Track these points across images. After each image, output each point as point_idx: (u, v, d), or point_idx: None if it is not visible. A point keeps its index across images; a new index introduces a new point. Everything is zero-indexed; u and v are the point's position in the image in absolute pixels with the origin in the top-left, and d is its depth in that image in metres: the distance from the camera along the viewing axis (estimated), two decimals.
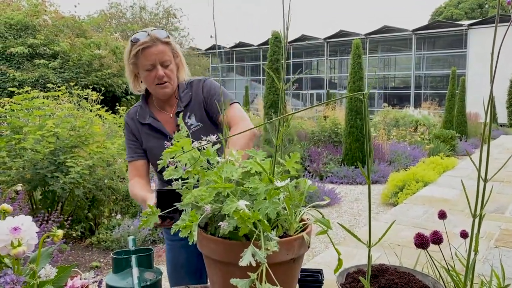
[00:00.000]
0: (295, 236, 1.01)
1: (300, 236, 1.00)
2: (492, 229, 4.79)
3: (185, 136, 1.10)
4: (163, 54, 1.73)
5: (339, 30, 30.19)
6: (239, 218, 0.86)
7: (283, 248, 0.99)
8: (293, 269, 1.05)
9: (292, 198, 1.02)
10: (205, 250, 1.05)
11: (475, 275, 1.99)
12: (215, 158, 1.10)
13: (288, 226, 1.04)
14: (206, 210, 0.91)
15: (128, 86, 8.22)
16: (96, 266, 4.18)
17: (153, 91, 1.82)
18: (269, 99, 7.62)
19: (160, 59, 1.73)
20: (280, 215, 1.03)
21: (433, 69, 29.10)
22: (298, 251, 1.01)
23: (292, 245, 1.00)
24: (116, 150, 5.17)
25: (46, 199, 4.71)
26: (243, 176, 1.03)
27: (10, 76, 9.19)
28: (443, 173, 8.57)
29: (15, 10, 10.69)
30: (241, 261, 0.84)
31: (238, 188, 0.99)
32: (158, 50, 1.72)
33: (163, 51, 1.74)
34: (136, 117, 1.89)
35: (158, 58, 1.73)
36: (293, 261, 1.02)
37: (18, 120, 4.78)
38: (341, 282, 1.28)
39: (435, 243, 1.13)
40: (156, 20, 22.55)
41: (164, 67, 1.75)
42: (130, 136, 1.90)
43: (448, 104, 14.85)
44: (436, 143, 11.83)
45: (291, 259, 1.01)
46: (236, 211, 0.87)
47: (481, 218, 0.82)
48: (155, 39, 1.72)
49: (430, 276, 1.28)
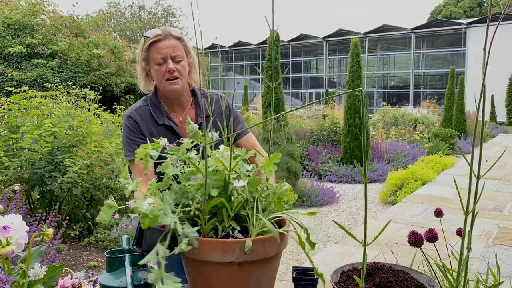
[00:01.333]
0: (233, 240, 0.98)
1: (241, 240, 0.96)
2: (490, 228, 4.79)
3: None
4: (174, 48, 1.71)
5: (338, 29, 30.16)
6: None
7: (218, 248, 0.98)
8: (242, 274, 1.01)
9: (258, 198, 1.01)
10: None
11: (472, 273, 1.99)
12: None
13: (251, 229, 1.01)
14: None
15: (126, 86, 8.27)
16: (94, 265, 4.17)
17: (163, 88, 1.76)
18: (267, 98, 7.60)
19: (172, 52, 1.70)
20: (241, 216, 1.03)
21: (432, 68, 29.10)
22: (241, 255, 0.97)
23: (231, 247, 0.97)
24: (114, 149, 5.17)
25: (44, 198, 4.71)
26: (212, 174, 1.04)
27: (8, 76, 9.18)
28: (442, 171, 8.57)
29: (13, 10, 10.67)
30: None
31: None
32: (170, 43, 1.70)
33: (175, 46, 1.71)
34: (149, 116, 1.80)
35: (170, 51, 1.70)
36: (239, 265, 0.99)
37: (16, 119, 4.77)
38: (335, 280, 1.27)
39: (430, 241, 1.13)
40: (155, 19, 22.55)
41: (175, 61, 1.72)
42: (135, 133, 1.79)
43: (447, 102, 14.85)
44: (435, 141, 11.83)
45: (232, 262, 0.97)
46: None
47: (473, 215, 0.82)
48: (168, 33, 1.71)
49: (424, 274, 1.28)
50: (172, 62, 1.70)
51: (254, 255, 0.98)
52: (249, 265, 1.00)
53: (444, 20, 31.54)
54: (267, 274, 1.06)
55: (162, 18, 22.81)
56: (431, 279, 1.23)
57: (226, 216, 1.02)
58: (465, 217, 0.81)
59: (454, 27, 26.87)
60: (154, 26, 21.94)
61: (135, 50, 8.12)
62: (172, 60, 1.70)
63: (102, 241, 4.61)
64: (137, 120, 1.78)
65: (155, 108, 1.81)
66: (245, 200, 1.04)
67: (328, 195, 6.97)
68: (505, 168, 8.80)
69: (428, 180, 7.49)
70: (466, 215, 0.81)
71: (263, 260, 1.01)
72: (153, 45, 1.70)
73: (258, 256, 0.99)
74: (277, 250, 1.03)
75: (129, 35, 20.37)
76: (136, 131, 1.77)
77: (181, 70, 1.73)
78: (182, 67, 1.73)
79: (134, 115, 1.80)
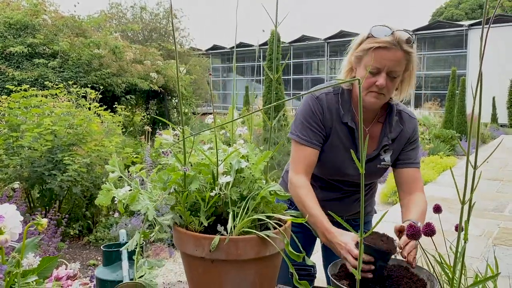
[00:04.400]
0: (203, 235, 0.97)
1: (211, 237, 0.95)
2: (491, 228, 4.78)
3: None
4: (396, 63, 1.45)
5: (339, 30, 30.17)
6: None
7: (190, 241, 0.97)
8: (216, 272, 0.99)
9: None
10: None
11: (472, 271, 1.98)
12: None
13: (230, 228, 1.00)
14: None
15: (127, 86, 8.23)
16: (93, 264, 4.17)
17: (363, 95, 1.50)
18: (268, 98, 7.60)
19: (391, 67, 1.45)
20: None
21: (433, 70, 29.07)
22: (208, 252, 0.95)
23: (200, 242, 0.96)
24: (115, 148, 5.16)
25: (43, 197, 4.70)
26: (196, 167, 1.03)
27: (10, 76, 9.18)
28: (443, 172, 8.55)
29: (15, 10, 10.67)
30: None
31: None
32: (395, 57, 1.44)
33: (399, 60, 1.45)
34: (335, 108, 1.60)
35: (389, 65, 1.44)
36: (211, 262, 0.97)
37: (16, 118, 4.77)
38: (333, 272, 1.27)
39: (428, 235, 1.12)
40: (156, 20, 22.54)
41: (390, 77, 1.47)
42: (316, 118, 1.59)
43: (448, 104, 14.83)
44: (436, 143, 11.81)
45: (203, 258, 0.96)
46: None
47: (470, 205, 0.81)
48: (398, 43, 1.43)
49: (424, 269, 1.27)
50: (386, 77, 1.46)
51: (224, 254, 0.95)
52: (221, 264, 0.97)
53: (445, 21, 31.55)
54: (247, 277, 1.01)
55: (163, 19, 22.81)
56: (430, 274, 1.23)
57: (203, 211, 1.01)
58: (462, 207, 0.80)
59: (456, 29, 26.86)
60: (156, 27, 21.88)
61: (137, 50, 8.14)
62: (387, 75, 1.46)
63: (102, 240, 4.60)
64: (323, 106, 1.60)
65: (344, 103, 1.61)
66: (227, 198, 1.02)
67: None
68: (506, 169, 8.78)
69: (429, 180, 7.47)
70: (462, 204, 0.80)
71: (239, 262, 0.98)
72: (374, 50, 1.44)
73: (230, 256, 0.96)
74: (257, 254, 0.99)
75: (131, 36, 20.39)
76: (317, 116, 1.59)
77: (390, 87, 1.49)
78: (393, 84, 1.50)
79: (323, 99, 1.61)
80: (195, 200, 1.03)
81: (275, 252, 1.03)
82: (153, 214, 0.94)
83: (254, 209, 1.04)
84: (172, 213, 1.03)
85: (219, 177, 0.99)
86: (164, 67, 12.23)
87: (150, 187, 1.08)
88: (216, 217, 1.05)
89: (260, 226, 1.07)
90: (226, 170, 1.03)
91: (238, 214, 1.01)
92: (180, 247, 1.04)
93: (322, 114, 1.59)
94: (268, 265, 1.07)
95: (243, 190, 1.02)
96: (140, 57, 12.02)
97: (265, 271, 1.06)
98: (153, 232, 0.97)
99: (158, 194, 1.04)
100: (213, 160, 1.01)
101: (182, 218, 1.04)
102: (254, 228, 1.03)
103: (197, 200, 1.02)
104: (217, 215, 1.06)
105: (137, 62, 11.51)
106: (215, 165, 1.01)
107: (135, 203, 0.96)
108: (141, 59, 11.92)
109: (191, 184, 0.99)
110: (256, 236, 0.98)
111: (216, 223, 1.02)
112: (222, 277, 1.00)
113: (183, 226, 1.04)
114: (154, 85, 11.42)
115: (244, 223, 1.00)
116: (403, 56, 1.45)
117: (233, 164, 1.04)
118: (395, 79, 1.49)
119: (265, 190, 1.03)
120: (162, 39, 20.88)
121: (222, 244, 0.95)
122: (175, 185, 1.01)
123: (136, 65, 11.22)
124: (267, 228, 1.05)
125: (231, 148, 1.11)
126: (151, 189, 1.07)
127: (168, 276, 4.05)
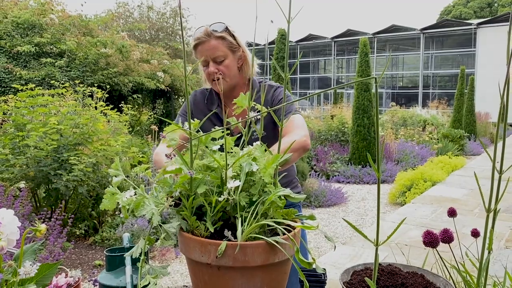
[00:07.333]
0: (209, 240, 0.93)
1: (218, 243, 0.91)
2: (502, 229, 4.69)
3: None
4: (214, 50, 1.68)
5: (346, 29, 30.03)
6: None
7: (196, 247, 0.94)
8: (223, 280, 0.95)
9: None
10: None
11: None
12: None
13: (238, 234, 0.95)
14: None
15: (134, 85, 8.23)
16: (99, 264, 4.14)
17: (212, 86, 1.79)
18: None
19: (212, 55, 1.68)
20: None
21: (441, 69, 28.84)
22: (215, 258, 0.91)
23: (206, 248, 0.92)
24: (121, 147, 5.13)
25: (49, 196, 4.68)
26: (203, 169, 0.98)
27: (17, 75, 9.20)
28: (452, 172, 8.45)
29: (22, 9, 10.71)
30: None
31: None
32: (210, 45, 1.68)
33: (215, 47, 1.68)
34: (205, 101, 1.87)
35: (210, 54, 1.68)
36: (218, 268, 0.93)
37: (22, 117, 4.76)
38: (345, 280, 1.21)
39: (445, 242, 1.06)
40: (163, 19, 22.56)
41: (217, 63, 1.70)
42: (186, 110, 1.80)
43: (456, 103, 14.68)
44: (444, 142, 11.69)
45: (209, 264, 0.92)
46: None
47: (495, 213, 0.75)
48: (208, 34, 1.67)
49: (441, 277, 1.21)
50: (214, 64, 1.69)
51: (231, 261, 0.91)
52: (228, 271, 0.93)
53: (453, 20, 31.28)
54: (255, 284, 0.97)
55: (170, 18, 22.81)
56: (447, 281, 1.17)
57: (209, 216, 0.97)
58: (487, 215, 0.74)
59: (464, 28, 26.61)
60: (162, 26, 21.92)
61: (143, 49, 8.15)
62: (214, 62, 1.69)
63: (108, 240, 4.58)
64: (193, 100, 1.90)
65: (210, 94, 1.88)
66: (235, 203, 0.97)
67: (336, 195, 6.90)
68: None
69: (438, 181, 7.38)
70: (488, 212, 0.74)
71: (246, 269, 0.94)
72: (196, 48, 1.70)
73: (237, 263, 0.92)
74: (265, 261, 0.94)
75: (138, 35, 20.41)
76: (191, 109, 1.84)
77: (223, 70, 1.71)
78: (225, 66, 1.71)
79: (193, 94, 1.93)
80: (201, 204, 0.99)
81: (284, 258, 0.98)
82: (158, 220, 0.90)
83: (263, 214, 1.00)
84: (178, 219, 0.98)
85: (228, 181, 0.94)
86: (170, 66, 12.21)
87: (155, 187, 1.04)
88: (223, 222, 1.01)
89: (269, 232, 1.03)
90: (234, 174, 0.98)
91: (246, 219, 0.96)
92: (186, 252, 1.00)
93: (192, 104, 1.89)
94: (277, 272, 1.03)
95: (252, 196, 0.98)
96: (147, 56, 12.01)
97: (273, 279, 1.02)
98: (159, 239, 0.92)
99: (164, 197, 0.99)
100: (222, 163, 0.97)
101: (188, 222, 0.99)
102: (263, 233, 0.99)
103: (203, 205, 0.98)
104: (224, 220, 1.02)
105: (144, 62, 11.50)
106: (223, 168, 0.96)
107: (140, 209, 0.91)
108: (148, 59, 11.91)
109: (197, 187, 0.95)
110: (265, 242, 0.94)
111: (223, 228, 0.98)
112: (229, 284, 0.96)
113: (188, 231, 1.00)
114: (161, 85, 11.41)
115: (252, 228, 0.95)
116: (218, 42, 1.67)
117: (243, 166, 0.99)
118: (224, 62, 1.70)
119: (274, 194, 0.98)
120: (169, 38, 20.91)
121: (229, 250, 0.91)
122: (181, 189, 0.96)
123: (143, 64, 11.21)
124: (276, 234, 1.01)
125: (245, 149, 1.06)
126: (157, 190, 1.03)
127: (174, 277, 4.02)
